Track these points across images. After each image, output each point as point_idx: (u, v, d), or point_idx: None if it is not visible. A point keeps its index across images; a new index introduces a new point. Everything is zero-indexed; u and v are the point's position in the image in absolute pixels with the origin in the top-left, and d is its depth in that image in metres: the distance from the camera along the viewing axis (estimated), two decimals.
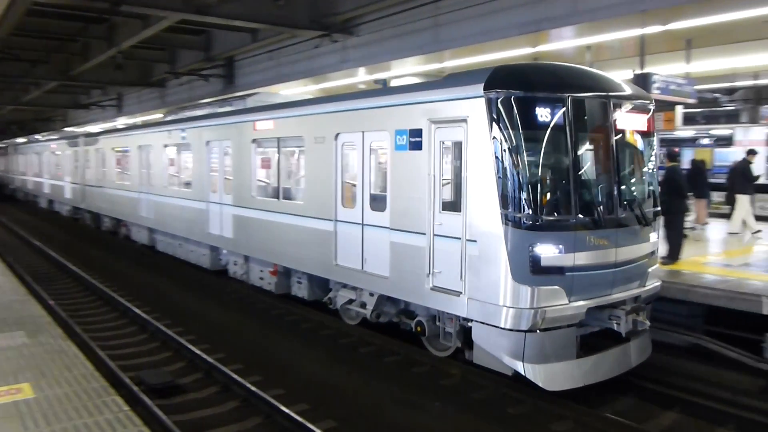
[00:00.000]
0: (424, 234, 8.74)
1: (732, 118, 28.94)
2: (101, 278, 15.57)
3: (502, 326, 7.73)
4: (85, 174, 25.80)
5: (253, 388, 8.14)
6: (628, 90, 8.71)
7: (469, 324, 8.42)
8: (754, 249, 14.09)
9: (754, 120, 25.71)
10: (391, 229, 9.33)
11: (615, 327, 8.12)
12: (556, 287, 7.73)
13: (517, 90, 7.67)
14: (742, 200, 15.63)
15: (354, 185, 10.39)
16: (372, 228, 9.80)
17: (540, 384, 7.75)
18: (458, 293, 8.28)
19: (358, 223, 10.08)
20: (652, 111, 8.97)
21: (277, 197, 12.44)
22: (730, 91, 23.95)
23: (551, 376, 7.85)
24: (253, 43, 19.18)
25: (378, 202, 9.89)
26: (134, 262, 18.73)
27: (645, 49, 13.40)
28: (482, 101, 7.80)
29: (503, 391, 8.44)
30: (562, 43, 14.58)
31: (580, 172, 7.95)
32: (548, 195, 7.88)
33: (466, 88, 8.08)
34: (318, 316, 11.89)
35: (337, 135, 10.42)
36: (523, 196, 7.63)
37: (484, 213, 7.88)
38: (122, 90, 32.53)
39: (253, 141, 13.01)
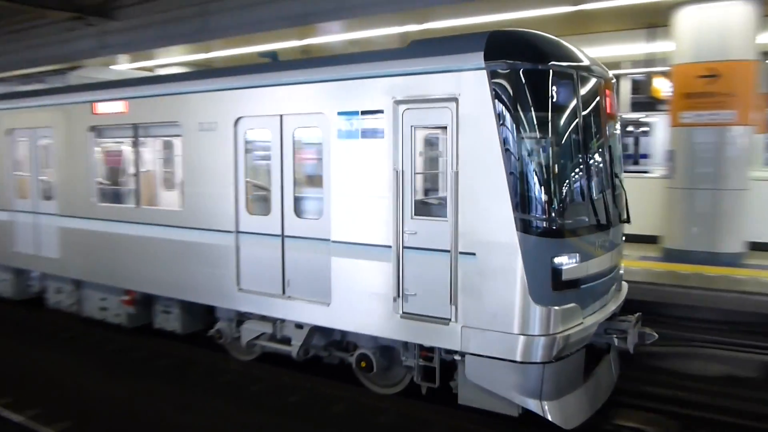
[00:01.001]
0: (390, 246, 6.75)
1: None
2: None
3: (517, 359, 6.11)
4: None
5: None
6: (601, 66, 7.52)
7: (455, 357, 6.68)
8: None
9: None
10: (333, 241, 7.17)
11: (616, 342, 6.94)
12: (573, 305, 6.32)
13: (528, 62, 6.02)
14: None
15: (264, 188, 8.01)
16: (300, 241, 7.53)
17: (560, 424, 6.29)
18: (446, 321, 6.46)
19: (276, 235, 7.72)
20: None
21: (137, 203, 9.39)
22: None
23: (568, 410, 6.46)
24: None
25: (309, 208, 7.65)
26: None
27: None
28: (483, 75, 6.03)
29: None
30: (331, 37, 14.91)
31: (591, 165, 6.59)
32: (569, 193, 6.39)
33: (454, 58, 6.23)
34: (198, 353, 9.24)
35: (239, 120, 7.90)
36: (543, 195, 6.04)
37: (488, 218, 6.13)
38: None
39: (92, 129, 9.73)
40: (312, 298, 7.42)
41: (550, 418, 6.24)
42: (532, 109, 5.99)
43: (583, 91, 6.44)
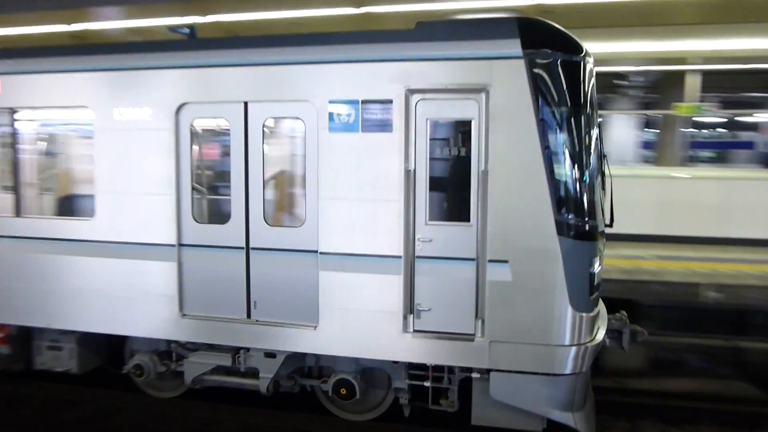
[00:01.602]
0: (399, 257, 5.89)
1: None
2: None
3: (555, 372, 5.68)
4: None
5: None
6: None
7: (473, 375, 6.05)
8: None
9: None
10: (322, 253, 6.10)
11: (608, 342, 6.82)
12: (598, 310, 6.06)
13: (568, 53, 5.60)
14: None
15: (213, 187, 6.64)
16: (272, 253, 6.30)
17: None
18: (470, 336, 5.84)
19: (237, 248, 6.39)
20: None
21: (17, 212, 7.20)
22: None
23: (590, 420, 6.20)
24: None
25: (285, 212, 6.44)
26: None
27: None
28: (521, 64, 5.48)
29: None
30: (108, 24, 13.49)
31: (603, 163, 6.33)
32: (600, 194, 6.04)
33: (483, 44, 5.59)
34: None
35: (182, 107, 6.39)
36: (586, 196, 5.66)
37: (524, 221, 5.61)
38: None
39: None
40: (291, 321, 6.27)
41: (581, 430, 5.90)
42: (575, 102, 5.58)
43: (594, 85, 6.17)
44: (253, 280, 6.35)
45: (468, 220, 5.80)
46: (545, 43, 5.54)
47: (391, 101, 5.78)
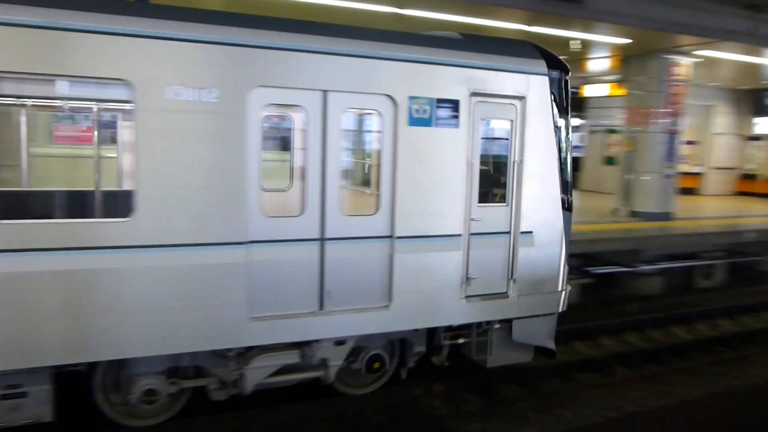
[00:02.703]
0: (460, 235, 6.93)
1: None
2: None
3: (557, 311, 7.72)
4: None
5: None
6: None
7: (495, 326, 7.55)
8: None
9: None
10: (398, 237, 6.60)
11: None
12: None
13: (566, 73, 7.54)
14: None
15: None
16: (348, 242, 6.42)
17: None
18: (505, 294, 7.36)
19: (311, 239, 6.26)
20: None
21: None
22: None
23: None
24: None
25: (358, 202, 6.51)
26: None
27: None
28: (545, 80, 7.26)
29: None
30: None
31: None
32: None
33: (524, 61, 7.12)
34: None
35: (251, 92, 5.82)
36: (569, 178, 7.73)
37: (543, 200, 7.43)
38: None
39: None
40: (364, 305, 6.56)
41: (554, 349, 8.03)
42: (567, 107, 7.57)
43: None
44: (327, 270, 6.34)
45: (504, 201, 7.24)
46: (556, 66, 7.38)
47: (458, 101, 6.75)
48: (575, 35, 13.72)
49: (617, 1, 12.34)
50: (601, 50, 15.53)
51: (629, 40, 14.52)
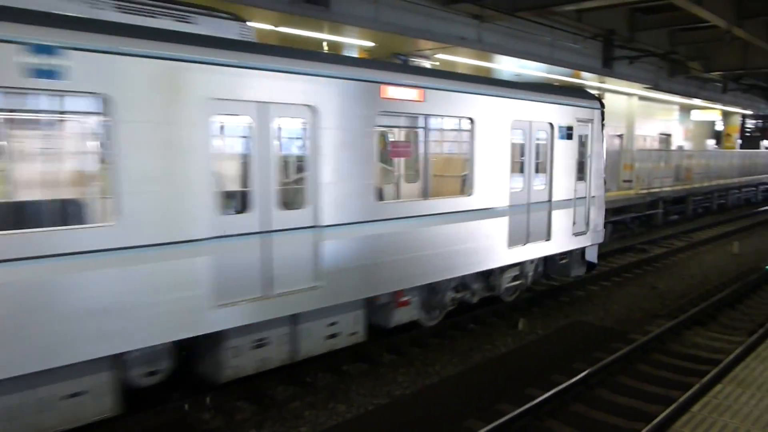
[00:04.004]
0: (571, 198, 12.00)
1: None
2: None
3: (603, 241, 13.67)
4: None
5: None
6: None
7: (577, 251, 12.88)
8: None
9: None
10: (554, 201, 11.57)
11: None
12: None
13: (603, 107, 12.90)
14: None
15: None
16: (536, 205, 11.23)
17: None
18: (585, 232, 12.60)
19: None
20: None
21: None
22: None
23: None
24: None
25: (537, 183, 11.31)
26: None
27: None
28: (599, 113, 12.68)
29: None
30: None
31: None
32: None
33: (592, 101, 12.49)
34: None
35: (513, 121, 10.53)
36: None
37: (599, 180, 12.82)
38: None
39: None
40: (543, 238, 11.48)
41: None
42: (603, 128, 13.03)
43: None
44: (531, 220, 11.08)
45: (584, 180, 12.45)
46: (601, 103, 12.77)
47: (573, 126, 11.85)
48: (323, 37, 14.14)
49: (360, 5, 12.95)
50: (350, 52, 16.14)
51: (373, 44, 15.35)
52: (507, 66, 19.41)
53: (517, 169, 10.72)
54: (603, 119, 12.63)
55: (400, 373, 9.02)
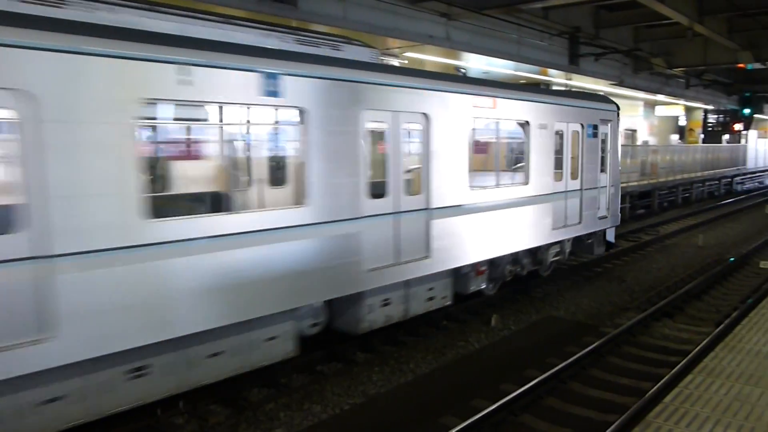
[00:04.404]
0: (596, 187, 13.92)
1: None
2: None
3: (618, 224, 15.72)
4: None
5: None
6: None
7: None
8: None
9: None
10: (581, 189, 13.38)
11: None
12: None
13: (619, 110, 14.90)
14: None
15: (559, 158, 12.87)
16: (586, 192, 13.63)
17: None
18: (607, 216, 14.59)
19: (577, 190, 13.39)
20: None
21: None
22: None
23: None
24: None
25: (575, 170, 13.30)
26: None
27: None
28: (616, 114, 14.69)
29: None
30: None
31: None
32: None
33: (610, 104, 14.50)
34: None
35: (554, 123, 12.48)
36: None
37: (616, 171, 14.88)
38: None
39: None
40: (576, 221, 13.42)
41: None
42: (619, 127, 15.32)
43: None
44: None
45: (605, 171, 14.35)
46: (617, 107, 14.71)
47: (598, 125, 13.76)
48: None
49: (329, 4, 12.88)
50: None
51: None
52: (475, 64, 19.53)
53: (558, 163, 12.68)
54: (619, 119, 14.87)
55: (374, 371, 9.00)
